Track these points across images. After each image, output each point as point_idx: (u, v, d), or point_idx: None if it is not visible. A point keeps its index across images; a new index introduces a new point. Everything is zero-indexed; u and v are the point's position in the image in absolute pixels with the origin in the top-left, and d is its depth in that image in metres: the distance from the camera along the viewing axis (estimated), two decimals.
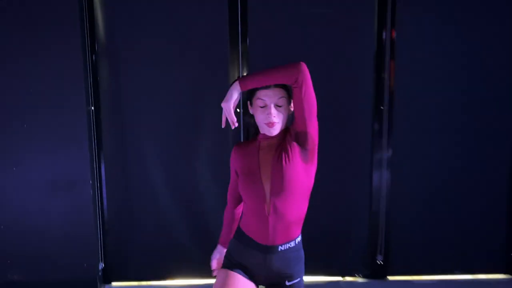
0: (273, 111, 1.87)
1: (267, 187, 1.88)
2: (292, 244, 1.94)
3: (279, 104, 1.88)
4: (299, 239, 1.98)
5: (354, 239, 3.68)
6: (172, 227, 3.59)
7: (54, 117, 3.30)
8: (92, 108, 3.42)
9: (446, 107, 3.55)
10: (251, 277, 1.97)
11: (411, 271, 3.71)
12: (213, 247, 2.24)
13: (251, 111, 1.97)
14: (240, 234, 2.00)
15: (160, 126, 3.51)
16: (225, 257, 2.05)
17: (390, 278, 3.69)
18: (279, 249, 1.92)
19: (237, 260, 1.97)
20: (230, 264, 1.99)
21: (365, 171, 3.62)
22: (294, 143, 1.90)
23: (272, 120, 1.87)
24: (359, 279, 3.69)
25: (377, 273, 3.69)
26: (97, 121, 3.47)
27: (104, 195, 3.55)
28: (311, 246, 3.18)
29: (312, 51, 3.45)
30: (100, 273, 3.55)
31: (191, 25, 3.43)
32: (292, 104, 1.92)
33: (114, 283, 3.64)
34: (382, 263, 3.68)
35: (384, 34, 3.47)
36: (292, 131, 1.92)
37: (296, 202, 1.90)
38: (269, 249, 1.91)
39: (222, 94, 1.97)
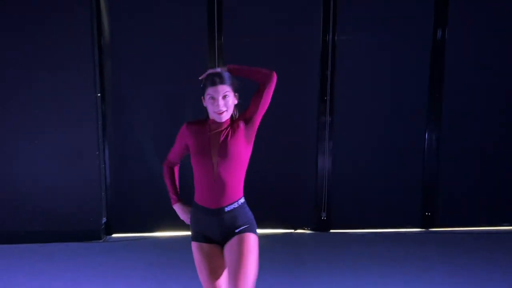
0: (221, 102, 2.25)
1: (214, 161, 2.27)
2: (236, 205, 2.31)
3: (225, 96, 2.26)
4: (241, 200, 2.34)
5: (304, 201, 4.69)
6: (164, 187, 4.51)
7: (69, 102, 4.20)
8: (99, 94, 4.32)
9: (376, 98, 4.57)
10: (211, 241, 2.34)
11: (348, 225, 4.73)
12: None
13: (204, 104, 2.32)
14: (195, 207, 2.35)
15: (152, 107, 4.46)
16: (191, 230, 2.39)
17: (332, 231, 4.72)
18: (226, 210, 2.29)
19: (198, 230, 2.35)
20: (195, 237, 2.36)
21: (311, 148, 4.62)
22: (241, 127, 2.32)
23: (221, 109, 2.26)
24: (307, 231, 4.72)
25: (321, 227, 4.72)
26: (102, 105, 4.38)
27: (107, 163, 4.47)
28: (270, 207, 4.45)
29: (273, 50, 4.43)
30: (103, 226, 4.47)
31: (177, 26, 4.37)
32: (236, 96, 2.32)
33: (114, 235, 4.58)
34: (325, 219, 4.71)
35: (328, 38, 4.46)
36: (241, 117, 2.36)
37: (236, 172, 2.30)
38: (219, 211, 2.29)
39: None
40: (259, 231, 2.60)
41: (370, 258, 4.02)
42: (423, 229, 4.76)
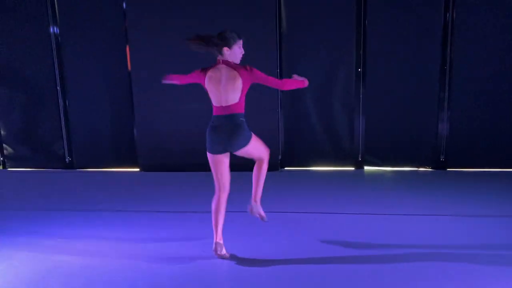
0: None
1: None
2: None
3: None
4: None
5: (427, 145, 6.18)
6: (321, 134, 6.36)
7: None
8: (278, 70, 6.18)
9: (491, 65, 5.84)
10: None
11: (463, 165, 6.14)
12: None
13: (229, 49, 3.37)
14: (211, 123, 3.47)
15: (313, 79, 6.19)
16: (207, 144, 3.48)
17: (449, 169, 6.16)
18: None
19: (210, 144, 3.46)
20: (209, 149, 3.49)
21: (433, 103, 6.07)
22: (248, 76, 3.34)
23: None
24: (429, 169, 6.22)
25: (440, 166, 6.20)
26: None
27: (282, 120, 6.37)
28: (400, 150, 6.09)
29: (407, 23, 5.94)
30: (279, 161, 6.42)
31: (332, 18, 6.04)
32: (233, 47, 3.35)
33: (286, 168, 6.52)
34: (443, 160, 6.17)
35: (447, 16, 5.82)
36: (254, 75, 3.35)
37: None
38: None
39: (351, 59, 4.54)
40: (391, 168, 4.20)
41: (484, 192, 5.17)
42: None
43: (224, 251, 3.55)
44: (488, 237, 3.85)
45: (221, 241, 3.56)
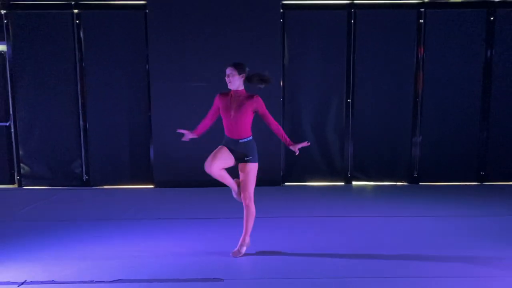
0: (226, 77, 4.08)
1: (232, 115, 4.05)
2: (246, 140, 4.08)
3: (229, 75, 4.06)
4: (249, 138, 4.11)
5: (403, 164, 7.46)
6: (316, 156, 7.46)
7: None
8: (281, 99, 7.26)
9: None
10: (233, 153, 4.11)
11: (432, 180, 7.43)
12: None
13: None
14: (225, 137, 4.15)
15: (308, 97, 7.37)
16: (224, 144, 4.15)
17: (421, 183, 7.44)
18: (240, 141, 4.09)
19: (225, 144, 4.11)
20: (224, 144, 4.13)
21: (407, 127, 7.38)
22: (251, 104, 4.05)
23: (227, 80, 4.08)
24: (405, 183, 7.48)
25: (414, 181, 7.48)
26: (283, 92, 7.31)
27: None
28: (383, 168, 7.26)
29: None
30: (280, 177, 7.42)
31: (327, 57, 7.25)
32: (243, 74, 4.09)
33: (286, 183, 7.51)
34: (416, 175, 7.47)
35: (418, 56, 7.20)
36: (255, 101, 4.07)
37: (243, 121, 4.06)
38: (236, 141, 4.09)
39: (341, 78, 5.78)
40: (374, 182, 5.84)
41: (449, 199, 6.46)
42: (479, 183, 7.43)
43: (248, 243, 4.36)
44: (456, 230, 5.15)
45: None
